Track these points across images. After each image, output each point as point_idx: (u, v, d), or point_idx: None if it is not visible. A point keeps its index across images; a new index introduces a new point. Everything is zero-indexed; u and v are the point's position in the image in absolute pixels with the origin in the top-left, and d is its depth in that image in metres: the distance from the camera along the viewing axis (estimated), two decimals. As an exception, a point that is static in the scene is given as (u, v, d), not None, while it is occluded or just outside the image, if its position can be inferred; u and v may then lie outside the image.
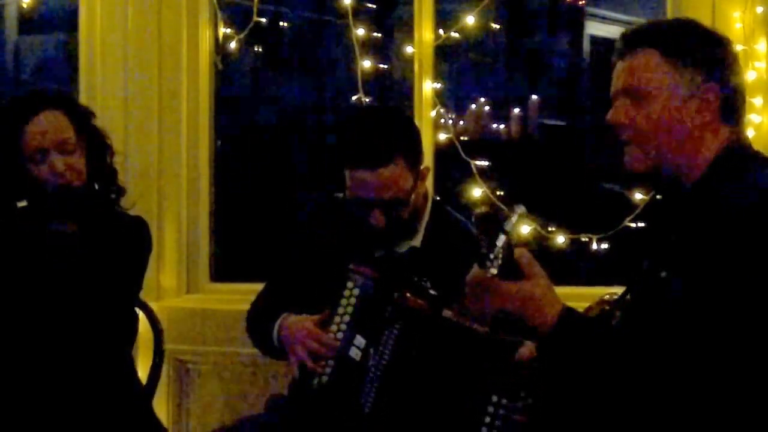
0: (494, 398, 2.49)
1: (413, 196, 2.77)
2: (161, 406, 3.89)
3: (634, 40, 2.19)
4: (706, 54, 2.14)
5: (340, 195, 2.86)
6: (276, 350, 2.81)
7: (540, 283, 2.01)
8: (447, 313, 2.56)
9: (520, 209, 1.98)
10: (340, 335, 2.66)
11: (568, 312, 2.01)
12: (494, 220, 1.96)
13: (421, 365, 2.57)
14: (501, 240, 1.96)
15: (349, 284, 2.67)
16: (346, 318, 2.66)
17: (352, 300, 2.66)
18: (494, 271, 1.98)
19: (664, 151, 2.14)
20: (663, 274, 2.06)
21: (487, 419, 2.49)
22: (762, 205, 1.97)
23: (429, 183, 3.83)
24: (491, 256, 1.97)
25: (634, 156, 2.18)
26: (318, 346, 2.65)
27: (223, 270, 4.27)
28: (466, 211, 3.42)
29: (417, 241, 2.85)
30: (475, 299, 2.03)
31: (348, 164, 2.74)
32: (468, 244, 2.86)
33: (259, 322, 2.89)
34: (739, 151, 2.14)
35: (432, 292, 2.62)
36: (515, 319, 2.01)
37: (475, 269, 2.03)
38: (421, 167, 2.82)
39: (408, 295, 2.60)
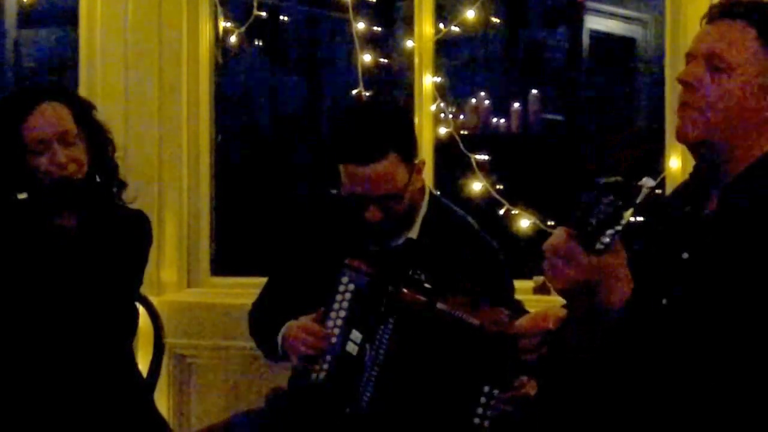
0: (486, 388, 2.50)
1: (409, 190, 2.77)
2: (162, 400, 3.90)
3: (733, 8, 2.11)
4: None
5: (334, 191, 2.87)
6: (281, 359, 2.82)
7: (621, 259, 1.91)
8: (442, 306, 2.56)
9: (650, 182, 1.86)
10: (336, 330, 2.66)
11: (636, 293, 1.92)
12: (626, 192, 1.82)
13: (417, 359, 2.57)
14: (628, 213, 1.83)
15: (344, 279, 2.67)
16: (342, 313, 2.66)
17: (347, 295, 2.66)
18: (607, 240, 1.84)
19: (722, 128, 2.08)
20: (685, 255, 2.04)
21: (479, 410, 2.51)
22: None
23: (429, 177, 3.85)
24: (617, 227, 1.83)
25: (690, 120, 2.11)
26: (313, 339, 2.66)
27: (224, 264, 4.28)
28: (466, 205, 3.42)
29: (414, 234, 2.85)
30: (555, 267, 1.91)
31: (341, 160, 2.74)
32: (464, 236, 2.88)
33: (262, 330, 2.89)
34: None
35: (427, 285, 2.62)
36: (588, 292, 1.90)
37: (560, 232, 1.90)
38: (417, 160, 2.81)
39: (402, 288, 2.60)
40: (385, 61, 4.13)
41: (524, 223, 3.83)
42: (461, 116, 4.37)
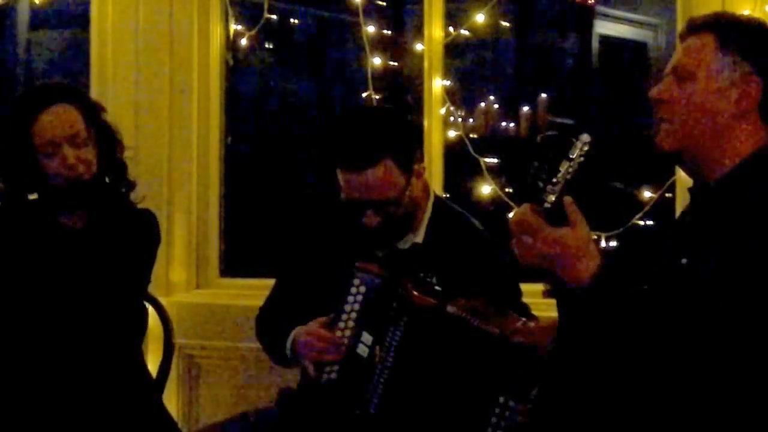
0: (501, 399, 2.47)
1: (407, 195, 2.76)
2: (171, 401, 3.91)
3: (697, 24, 2.18)
4: (758, 47, 2.12)
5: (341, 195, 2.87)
6: (291, 364, 2.82)
7: (583, 233, 1.93)
8: (451, 309, 2.56)
9: (586, 137, 1.88)
10: (347, 333, 2.66)
11: (606, 269, 1.94)
12: (561, 145, 1.86)
13: (426, 362, 2.57)
14: (564, 166, 1.86)
15: (356, 282, 2.66)
16: (353, 315, 2.66)
17: (359, 297, 2.66)
18: (552, 198, 1.88)
19: (694, 134, 2.12)
20: (684, 261, 2.05)
21: (494, 419, 2.48)
22: None
23: (438, 180, 3.86)
24: (554, 180, 1.86)
25: (664, 133, 2.16)
26: (324, 345, 2.66)
27: (233, 265, 4.29)
28: (475, 208, 3.43)
29: (419, 238, 2.85)
30: (521, 242, 1.94)
31: (338, 166, 2.75)
32: (470, 238, 2.88)
33: (270, 336, 2.88)
34: None
35: (437, 288, 2.61)
36: (550, 270, 1.92)
37: (524, 208, 1.93)
38: (416, 165, 2.80)
39: (413, 291, 2.60)
40: (395, 64, 4.14)
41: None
42: (470, 119, 4.37)
